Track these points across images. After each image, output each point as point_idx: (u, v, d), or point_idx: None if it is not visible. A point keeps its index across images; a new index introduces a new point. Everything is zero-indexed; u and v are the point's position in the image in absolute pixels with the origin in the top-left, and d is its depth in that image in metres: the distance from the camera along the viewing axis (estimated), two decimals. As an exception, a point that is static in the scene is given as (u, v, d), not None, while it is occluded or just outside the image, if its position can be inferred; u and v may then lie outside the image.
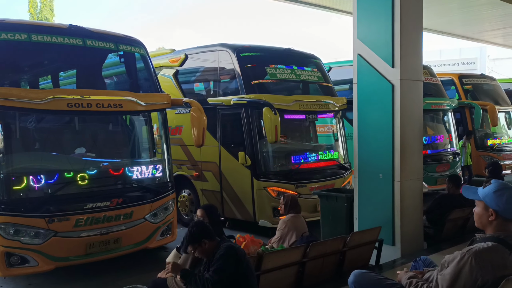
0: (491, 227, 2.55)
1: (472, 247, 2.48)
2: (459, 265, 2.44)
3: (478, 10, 14.84)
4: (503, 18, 16.19)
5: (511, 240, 2.50)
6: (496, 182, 2.58)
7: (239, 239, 5.11)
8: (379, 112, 5.74)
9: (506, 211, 2.51)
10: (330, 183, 8.15)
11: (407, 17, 5.60)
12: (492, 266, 2.42)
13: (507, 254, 2.46)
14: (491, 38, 20.77)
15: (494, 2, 9.30)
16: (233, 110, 7.95)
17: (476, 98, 13.04)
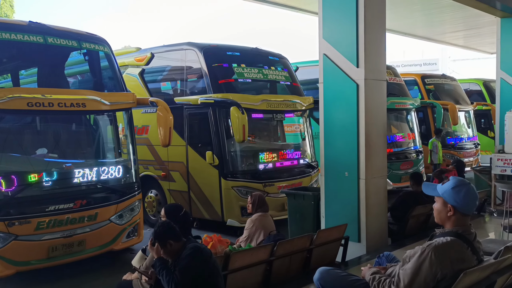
0: (450, 222, 2.63)
1: (431, 242, 2.55)
2: (420, 260, 2.51)
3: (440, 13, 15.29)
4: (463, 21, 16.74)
5: (468, 235, 2.59)
6: (454, 178, 2.67)
7: (206, 239, 5.08)
8: (345, 111, 5.83)
9: (463, 207, 2.59)
10: (297, 182, 8.21)
11: (371, 18, 5.71)
12: (451, 260, 2.49)
13: (465, 248, 2.55)
14: (452, 39, 21.43)
15: (455, 5, 9.59)
16: (200, 109, 7.90)
17: (438, 97, 13.45)
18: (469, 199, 2.59)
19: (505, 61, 9.71)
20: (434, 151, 11.88)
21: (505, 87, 9.71)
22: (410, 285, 2.51)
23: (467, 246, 2.56)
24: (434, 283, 2.49)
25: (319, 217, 6.20)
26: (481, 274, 2.58)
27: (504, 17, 9.66)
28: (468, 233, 2.60)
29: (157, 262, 3.52)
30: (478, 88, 17.05)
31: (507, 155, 7.78)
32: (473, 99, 15.89)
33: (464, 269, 2.44)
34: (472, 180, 10.34)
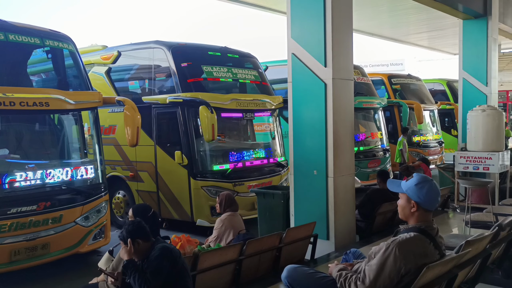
0: (413, 218, 2.69)
1: (396, 238, 2.60)
2: (384, 256, 2.56)
3: (405, 14, 15.66)
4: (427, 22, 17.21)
5: (431, 230, 2.66)
6: (417, 175, 2.73)
7: (174, 239, 5.02)
8: (313, 110, 5.87)
9: (426, 203, 2.66)
10: (267, 181, 8.24)
11: (338, 18, 5.78)
12: (414, 255, 2.55)
13: (428, 243, 2.61)
14: (417, 40, 22.00)
15: (419, 7, 9.84)
16: (169, 108, 7.82)
17: (404, 97, 13.78)
18: (431, 196, 2.66)
19: (467, 62, 10.03)
20: (403, 150, 12.17)
21: (467, 87, 10.03)
22: (375, 281, 2.55)
23: (430, 241, 2.62)
24: (398, 278, 2.54)
25: (289, 216, 6.24)
26: (443, 268, 2.65)
27: (466, 19, 9.97)
28: (431, 229, 2.67)
29: (129, 264, 3.46)
30: (442, 88, 17.55)
31: (469, 153, 8.04)
32: (437, 99, 16.36)
33: (427, 263, 2.50)
34: (437, 177, 10.64)
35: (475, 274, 3.35)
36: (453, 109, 15.65)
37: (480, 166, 7.90)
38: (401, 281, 2.55)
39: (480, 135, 7.97)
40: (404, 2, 10.10)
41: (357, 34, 17.99)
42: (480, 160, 7.89)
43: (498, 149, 7.88)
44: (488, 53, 9.77)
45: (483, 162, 7.85)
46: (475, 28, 9.91)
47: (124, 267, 3.46)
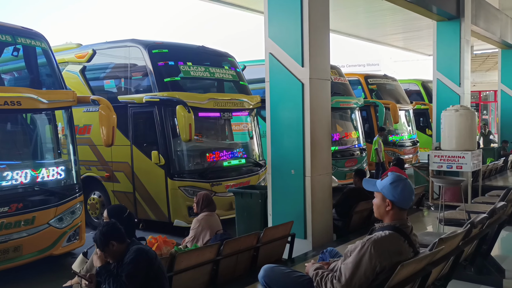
0: (388, 216, 2.72)
1: (371, 236, 2.63)
2: (360, 254, 2.58)
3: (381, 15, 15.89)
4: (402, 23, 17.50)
5: (405, 228, 2.70)
6: (392, 174, 2.77)
7: (150, 240, 4.96)
8: (291, 110, 5.89)
9: (400, 201, 2.69)
10: (245, 181, 8.23)
11: (315, 18, 5.81)
12: (389, 253, 2.58)
13: (402, 241, 2.65)
14: (393, 41, 22.37)
15: (395, 8, 9.98)
16: (145, 108, 7.73)
17: (380, 97, 13.97)
18: (405, 194, 2.69)
19: (441, 63, 10.22)
20: (379, 149, 12.33)
21: (441, 87, 10.22)
22: (351, 279, 2.57)
23: (404, 239, 2.66)
24: (373, 275, 2.57)
25: (267, 215, 6.24)
26: (417, 266, 2.69)
27: (439, 20, 10.16)
28: (405, 227, 2.70)
29: (103, 270, 3.40)
30: (417, 88, 17.88)
31: (443, 152, 8.19)
32: (412, 99, 16.66)
33: (401, 261, 2.53)
34: (412, 176, 10.83)
35: (448, 271, 3.41)
36: (427, 109, 15.95)
37: (454, 165, 8.06)
38: (376, 278, 2.57)
39: (453, 135, 8.13)
40: (380, 3, 10.22)
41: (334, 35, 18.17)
42: (453, 159, 8.05)
43: (471, 148, 8.06)
44: (461, 54, 9.98)
45: (456, 161, 8.01)
46: (449, 30, 10.12)
47: (98, 275, 3.40)
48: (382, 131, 12.56)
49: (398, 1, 8.76)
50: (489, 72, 26.97)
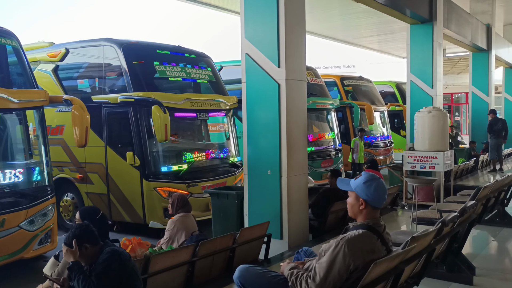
0: (362, 215, 2.76)
1: (345, 236, 2.65)
2: (334, 253, 2.60)
3: (356, 18, 16.13)
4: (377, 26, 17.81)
5: (378, 227, 2.73)
6: (366, 174, 2.80)
7: (125, 242, 4.88)
8: (267, 110, 5.91)
9: (373, 200, 2.72)
10: (222, 182, 8.20)
11: (291, 19, 5.84)
12: (362, 251, 2.61)
13: (375, 240, 2.68)
14: (368, 44, 22.74)
15: (370, 11, 10.13)
16: (120, 108, 7.62)
17: (356, 98, 14.14)
18: (378, 193, 2.72)
19: (414, 65, 10.41)
20: (355, 150, 12.47)
21: (415, 89, 10.41)
22: (325, 278, 2.59)
23: (377, 237, 2.69)
24: (347, 274, 2.59)
25: (243, 216, 6.24)
26: (390, 264, 2.72)
27: (413, 23, 10.35)
28: (378, 225, 2.73)
29: (74, 266, 3.33)
30: (391, 90, 18.17)
31: (416, 153, 8.35)
32: (387, 100, 16.92)
33: (374, 259, 2.56)
34: (386, 176, 11.00)
35: (420, 269, 3.46)
36: (402, 110, 16.23)
37: (427, 165, 8.22)
38: (350, 277, 2.59)
39: (426, 136, 8.30)
40: (355, 6, 10.35)
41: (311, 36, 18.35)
42: (426, 160, 8.22)
43: (443, 148, 8.24)
44: (434, 57, 10.19)
45: (429, 161, 8.18)
46: (422, 33, 10.31)
47: (69, 269, 3.33)
48: (360, 132, 12.74)
49: (373, 4, 8.88)
50: (461, 74, 27.67)
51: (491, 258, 5.67)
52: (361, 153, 12.44)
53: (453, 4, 11.97)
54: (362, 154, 12.45)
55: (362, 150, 12.50)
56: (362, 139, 12.60)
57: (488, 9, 15.19)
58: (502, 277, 4.86)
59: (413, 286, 3.42)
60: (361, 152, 12.44)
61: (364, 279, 2.53)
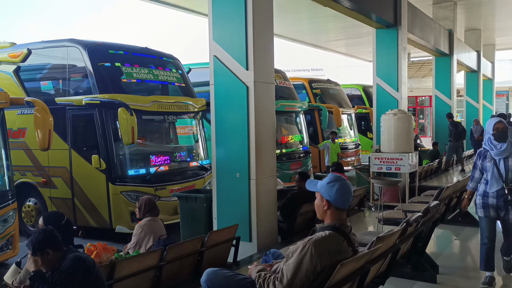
0: (328, 216, 2.78)
1: (312, 237, 2.67)
2: (301, 254, 2.61)
3: (324, 21, 16.35)
4: (344, 30, 18.11)
5: (344, 228, 2.76)
6: (331, 175, 2.83)
7: (89, 248, 4.77)
8: (235, 113, 5.90)
9: (336, 201, 2.75)
10: (190, 185, 8.13)
11: (260, 22, 5.86)
12: (329, 252, 2.63)
13: (342, 241, 2.71)
14: (336, 47, 23.11)
15: (337, 15, 10.28)
16: (85, 110, 7.45)
17: (324, 101, 14.33)
18: (342, 194, 2.74)
19: (380, 68, 10.64)
20: (326, 152, 12.61)
21: (381, 92, 10.63)
22: (292, 279, 2.60)
23: (344, 238, 2.72)
24: (314, 275, 2.61)
25: (212, 219, 6.20)
26: (356, 264, 2.76)
27: (378, 28, 10.58)
28: (345, 226, 2.76)
29: (36, 277, 3.22)
30: (358, 93, 18.52)
31: (382, 154, 8.53)
32: (354, 103, 17.24)
33: (341, 260, 2.58)
34: (354, 178, 11.18)
35: (386, 269, 3.52)
36: (368, 113, 16.56)
37: (392, 167, 8.41)
38: (317, 278, 2.61)
39: (392, 138, 8.49)
40: (322, 10, 10.49)
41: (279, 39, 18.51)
42: (392, 161, 8.40)
43: (408, 150, 8.45)
44: (399, 61, 10.44)
45: (395, 163, 8.37)
46: (387, 37, 10.55)
47: (31, 279, 3.22)
48: (332, 134, 12.92)
49: (340, 8, 9.02)
50: (425, 78, 28.48)
51: (454, 257, 5.83)
52: (333, 155, 12.59)
53: (416, 9, 12.31)
54: (335, 157, 12.59)
55: (334, 153, 12.65)
56: (333, 142, 12.77)
57: (450, 15, 15.69)
58: (464, 275, 5.01)
59: (379, 285, 3.48)
60: (332, 155, 12.59)
61: (330, 280, 2.56)
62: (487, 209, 4.43)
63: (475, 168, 4.57)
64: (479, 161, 4.51)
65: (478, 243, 6.29)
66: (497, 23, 19.33)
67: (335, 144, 12.74)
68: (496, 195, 4.35)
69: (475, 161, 4.57)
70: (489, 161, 4.38)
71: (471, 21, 18.82)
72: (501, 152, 4.34)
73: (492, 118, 4.56)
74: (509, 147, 4.34)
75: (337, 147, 12.83)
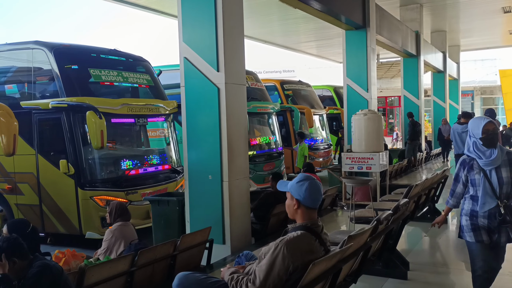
0: (299, 216, 2.79)
1: (284, 237, 2.67)
2: (273, 255, 2.60)
3: (295, 23, 16.48)
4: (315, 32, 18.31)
5: (316, 227, 2.77)
6: (300, 174, 2.84)
7: (57, 255, 4.64)
8: (207, 115, 5.86)
9: (306, 200, 2.75)
10: (162, 188, 8.02)
11: (230, 23, 5.84)
12: (301, 252, 2.63)
13: (313, 240, 2.72)
14: (307, 49, 23.32)
15: (307, 17, 10.39)
16: (52, 114, 7.25)
17: (296, 102, 14.43)
18: (311, 193, 2.74)
19: (350, 69, 10.80)
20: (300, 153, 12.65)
21: (351, 92, 10.79)
22: (265, 281, 2.59)
23: (315, 238, 2.73)
24: (287, 275, 2.60)
25: (185, 223, 6.14)
26: (328, 263, 2.77)
27: (348, 29, 10.74)
28: (316, 226, 2.77)
29: (4, 279, 3.11)
30: (329, 93, 18.73)
31: (354, 154, 8.63)
32: (325, 104, 17.43)
33: (313, 260, 2.59)
34: (326, 178, 11.29)
35: (358, 267, 3.56)
36: (339, 113, 16.76)
37: (364, 166, 8.52)
38: (289, 278, 2.61)
39: (362, 137, 8.60)
40: (293, 11, 10.59)
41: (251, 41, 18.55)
42: (363, 161, 8.51)
43: (378, 149, 8.58)
44: (368, 62, 10.63)
45: (366, 162, 8.48)
46: (356, 38, 10.73)
47: None
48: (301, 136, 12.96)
49: (310, 10, 9.11)
50: (394, 79, 29.08)
51: (424, 253, 5.96)
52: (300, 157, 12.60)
53: (384, 11, 12.56)
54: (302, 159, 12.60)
55: (301, 155, 12.67)
56: (301, 144, 12.78)
57: (416, 17, 16.07)
58: (434, 270, 5.12)
59: (351, 284, 3.51)
60: (300, 157, 12.60)
61: (303, 280, 2.56)
62: (478, 232, 3.51)
63: (457, 180, 3.67)
64: (462, 172, 3.60)
65: (447, 238, 6.49)
66: (461, 24, 19.91)
67: (302, 145, 12.74)
68: (488, 215, 3.47)
69: (457, 172, 3.66)
70: (477, 172, 3.48)
71: (437, 23, 19.33)
72: (492, 161, 3.43)
73: (478, 118, 3.65)
74: (500, 154, 3.45)
75: (303, 148, 12.65)
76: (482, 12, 17.05)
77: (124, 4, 11.62)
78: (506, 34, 22.32)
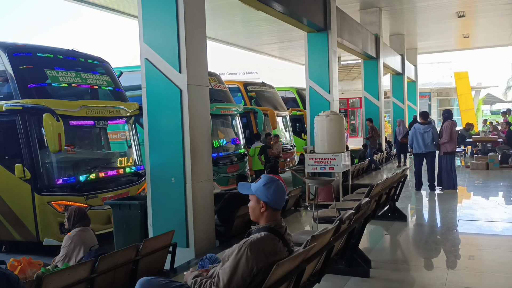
0: (263, 218, 2.78)
1: (247, 239, 2.65)
2: (237, 257, 2.59)
3: (257, 25, 16.54)
4: (277, 34, 18.44)
5: (280, 228, 2.78)
6: (265, 176, 2.84)
7: (13, 263, 4.45)
8: (169, 116, 5.78)
9: (273, 202, 2.76)
10: (124, 192, 7.86)
11: (192, 25, 5.79)
12: (265, 254, 2.63)
13: (277, 241, 2.72)
14: (270, 50, 23.47)
15: (270, 19, 10.43)
16: (6, 117, 6.97)
17: (259, 104, 14.47)
18: (278, 194, 2.77)
19: (312, 71, 10.93)
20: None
21: (313, 94, 10.92)
22: (228, 283, 2.57)
23: (279, 239, 2.73)
24: (251, 277, 2.59)
25: (147, 227, 6.02)
26: (292, 264, 2.77)
27: (310, 32, 10.87)
28: (280, 227, 2.78)
29: None
30: (292, 95, 18.90)
31: (317, 155, 8.74)
32: (289, 105, 17.57)
33: (276, 261, 2.59)
34: (290, 178, 11.37)
35: (321, 266, 3.58)
36: (302, 115, 16.93)
37: (326, 167, 8.65)
38: (253, 280, 2.59)
39: (325, 138, 8.73)
40: (256, 13, 10.62)
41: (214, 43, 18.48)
42: (326, 161, 8.63)
43: (340, 150, 8.73)
44: (330, 64, 10.79)
45: (328, 162, 8.61)
46: (318, 41, 10.87)
47: None
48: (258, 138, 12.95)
49: (272, 12, 9.16)
50: (355, 81, 29.68)
51: (385, 251, 6.09)
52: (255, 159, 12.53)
53: (345, 14, 12.80)
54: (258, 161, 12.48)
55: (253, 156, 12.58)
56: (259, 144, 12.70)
57: (376, 20, 16.47)
58: (395, 267, 5.24)
59: (315, 283, 3.53)
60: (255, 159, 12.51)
61: (267, 281, 2.55)
62: None
63: None
64: None
65: (407, 236, 6.68)
66: (418, 28, 20.56)
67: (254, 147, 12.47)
68: None
69: None
70: None
71: (395, 26, 19.88)
72: None
73: None
74: None
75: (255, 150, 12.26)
76: (437, 16, 17.66)
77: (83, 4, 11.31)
78: (460, 38, 23.24)
